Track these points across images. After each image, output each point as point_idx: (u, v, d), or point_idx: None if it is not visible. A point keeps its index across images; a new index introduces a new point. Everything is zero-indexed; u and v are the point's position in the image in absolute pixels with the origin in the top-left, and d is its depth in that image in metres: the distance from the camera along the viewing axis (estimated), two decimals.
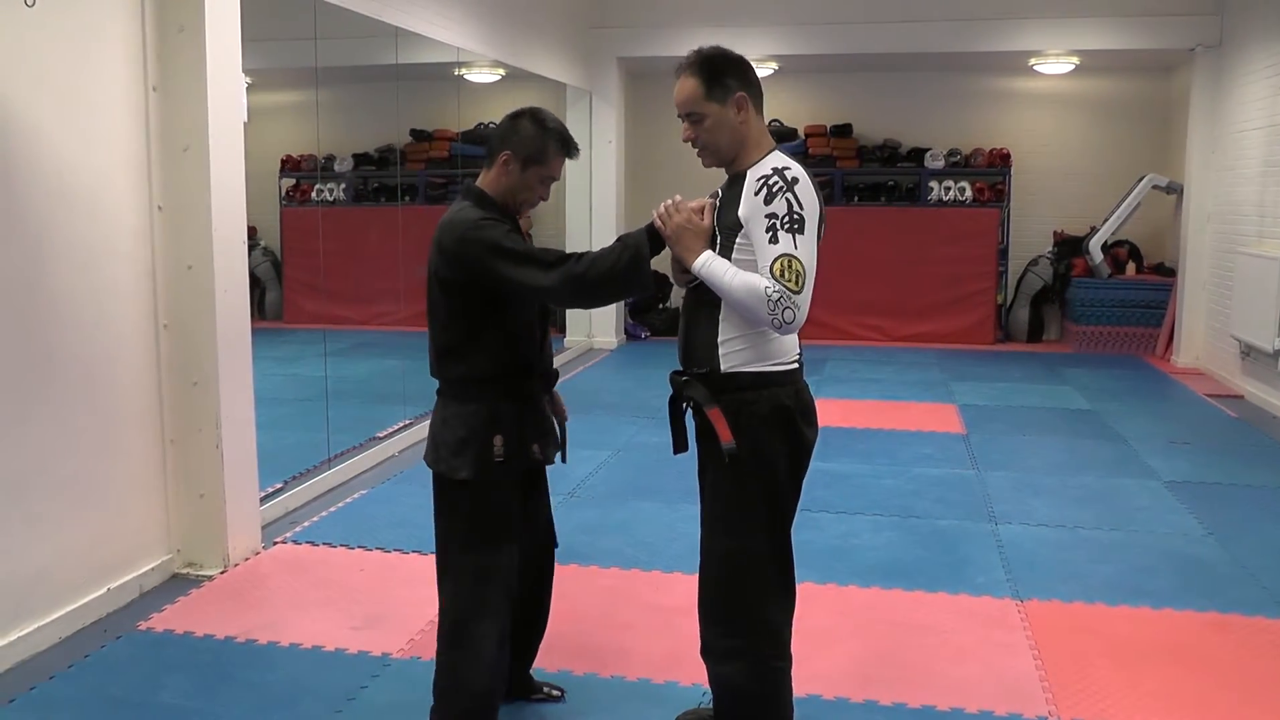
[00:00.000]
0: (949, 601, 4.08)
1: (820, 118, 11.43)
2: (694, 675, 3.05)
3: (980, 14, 9.91)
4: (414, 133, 10.95)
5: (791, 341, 2.59)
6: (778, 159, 2.53)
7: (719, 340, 2.55)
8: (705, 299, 2.56)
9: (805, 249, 2.43)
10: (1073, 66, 10.55)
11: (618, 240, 2.66)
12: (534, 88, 9.85)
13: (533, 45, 9.04)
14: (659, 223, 2.58)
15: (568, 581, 4.21)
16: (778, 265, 2.40)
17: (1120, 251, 10.85)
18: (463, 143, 10.34)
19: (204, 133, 4.17)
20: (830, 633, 3.70)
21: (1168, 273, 10.55)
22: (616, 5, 10.59)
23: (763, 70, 10.93)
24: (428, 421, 2.92)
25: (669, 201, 2.59)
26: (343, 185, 10.93)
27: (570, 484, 5.48)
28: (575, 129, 11.09)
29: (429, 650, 3.54)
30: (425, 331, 2.89)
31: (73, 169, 3.75)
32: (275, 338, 9.08)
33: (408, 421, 6.62)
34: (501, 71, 9.15)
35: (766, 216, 2.43)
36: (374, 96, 9.29)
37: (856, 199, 11.02)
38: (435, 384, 2.92)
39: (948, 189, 11.07)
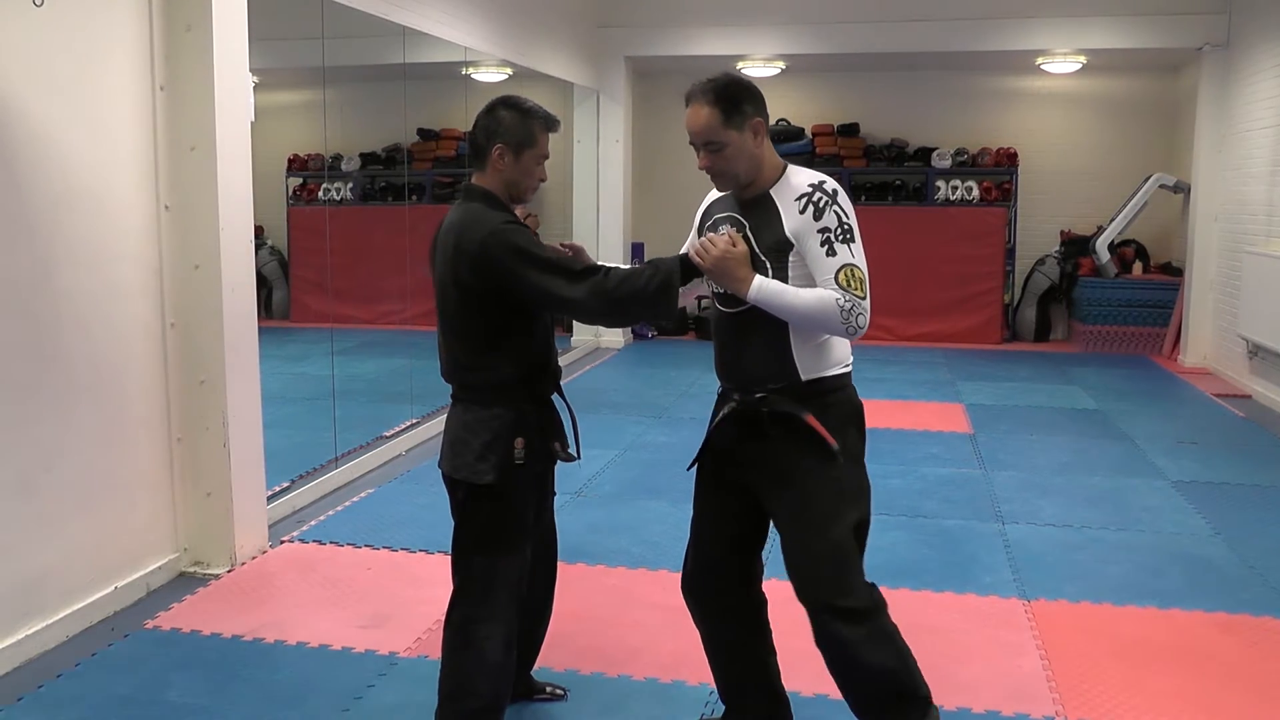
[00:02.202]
0: (956, 601, 4.08)
1: (827, 117, 11.42)
2: (701, 675, 3.05)
3: (987, 13, 9.89)
4: (421, 132, 10.96)
5: (848, 344, 2.68)
6: (806, 174, 2.58)
7: (793, 352, 2.57)
8: (756, 320, 2.57)
9: (860, 256, 2.52)
10: (1080, 66, 10.52)
11: (649, 263, 2.66)
12: (541, 87, 9.85)
13: (540, 44, 9.04)
14: (696, 258, 2.57)
15: (575, 581, 4.22)
16: (842, 276, 2.47)
17: (1127, 251, 10.82)
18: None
19: (211, 132, 4.18)
20: None
21: (1175, 272, 10.53)
22: (624, 5, 10.58)
23: (770, 70, 10.94)
24: (435, 421, 2.92)
25: (704, 238, 2.58)
26: (350, 184, 10.93)
27: (577, 483, 5.49)
28: (583, 128, 11.14)
29: (436, 649, 3.54)
30: (432, 330, 2.88)
31: (80, 168, 3.76)
32: (282, 337, 9.10)
33: (414, 420, 6.62)
34: (509, 71, 9.15)
35: (820, 232, 2.49)
36: (381, 96, 9.30)
37: (863, 198, 10.98)
38: (441, 383, 2.92)
39: (955, 188, 11.06)
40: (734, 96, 2.56)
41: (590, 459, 5.85)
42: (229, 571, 4.32)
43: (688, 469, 2.85)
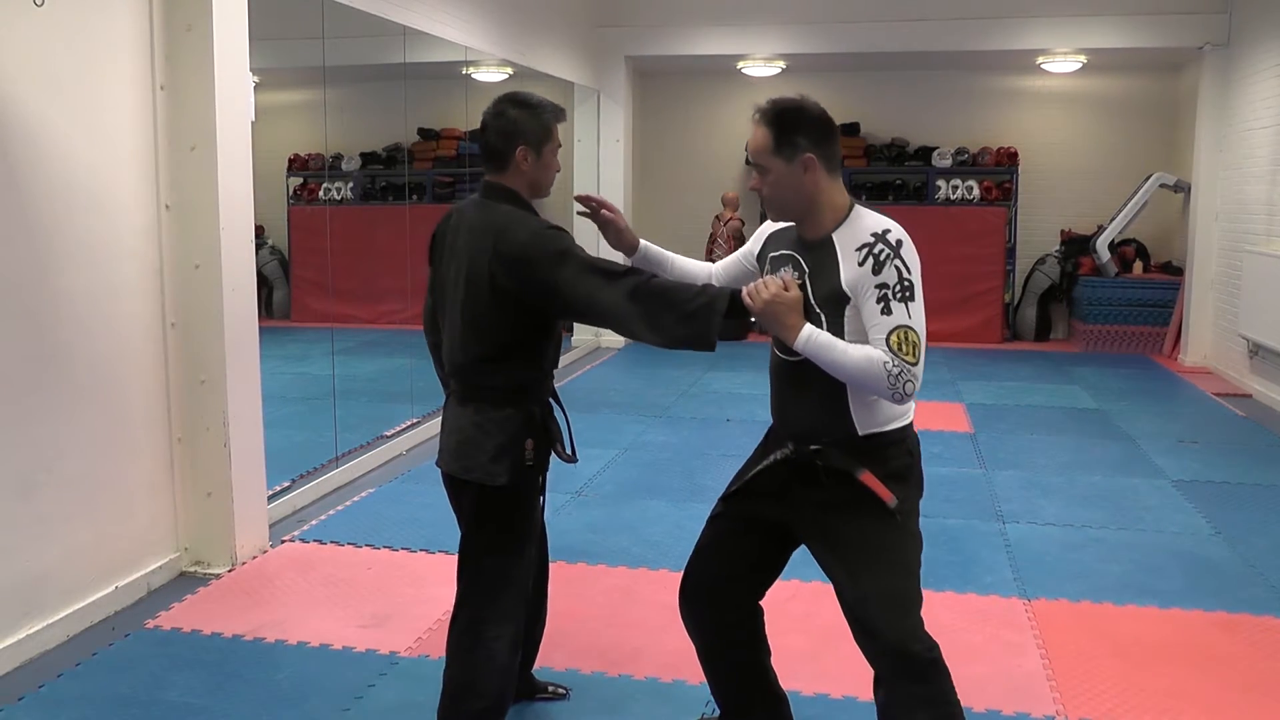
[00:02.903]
0: (956, 600, 4.08)
1: None
2: (702, 674, 3.04)
3: (988, 13, 9.89)
4: (422, 132, 10.96)
5: None
6: (872, 220, 2.42)
7: (850, 407, 2.45)
8: (812, 370, 2.42)
9: (918, 316, 2.34)
10: (1080, 65, 10.53)
11: (703, 285, 2.59)
12: (542, 86, 9.82)
13: (541, 44, 9.04)
14: (748, 300, 2.41)
15: (575, 580, 4.22)
16: (894, 338, 2.30)
17: (1128, 250, 10.83)
18: (471, 142, 10.34)
19: (212, 132, 4.18)
20: (838, 630, 3.65)
21: (1175, 271, 10.53)
22: (625, 4, 10.58)
23: (770, 69, 10.94)
24: (436, 420, 2.89)
25: (756, 282, 2.45)
26: (350, 184, 10.93)
27: (577, 483, 5.49)
28: (583, 128, 11.13)
29: (436, 649, 3.56)
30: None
31: (80, 168, 3.76)
32: (283, 336, 9.10)
33: (415, 420, 6.63)
34: (509, 70, 9.15)
35: (877, 287, 2.33)
36: (382, 95, 9.30)
37: (864, 198, 10.93)
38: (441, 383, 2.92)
39: (955, 188, 11.06)
40: (790, 124, 2.42)
41: (590, 459, 5.85)
42: (229, 571, 4.32)
43: (723, 498, 2.71)
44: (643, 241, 2.90)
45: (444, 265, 2.79)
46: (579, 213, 2.94)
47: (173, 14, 4.15)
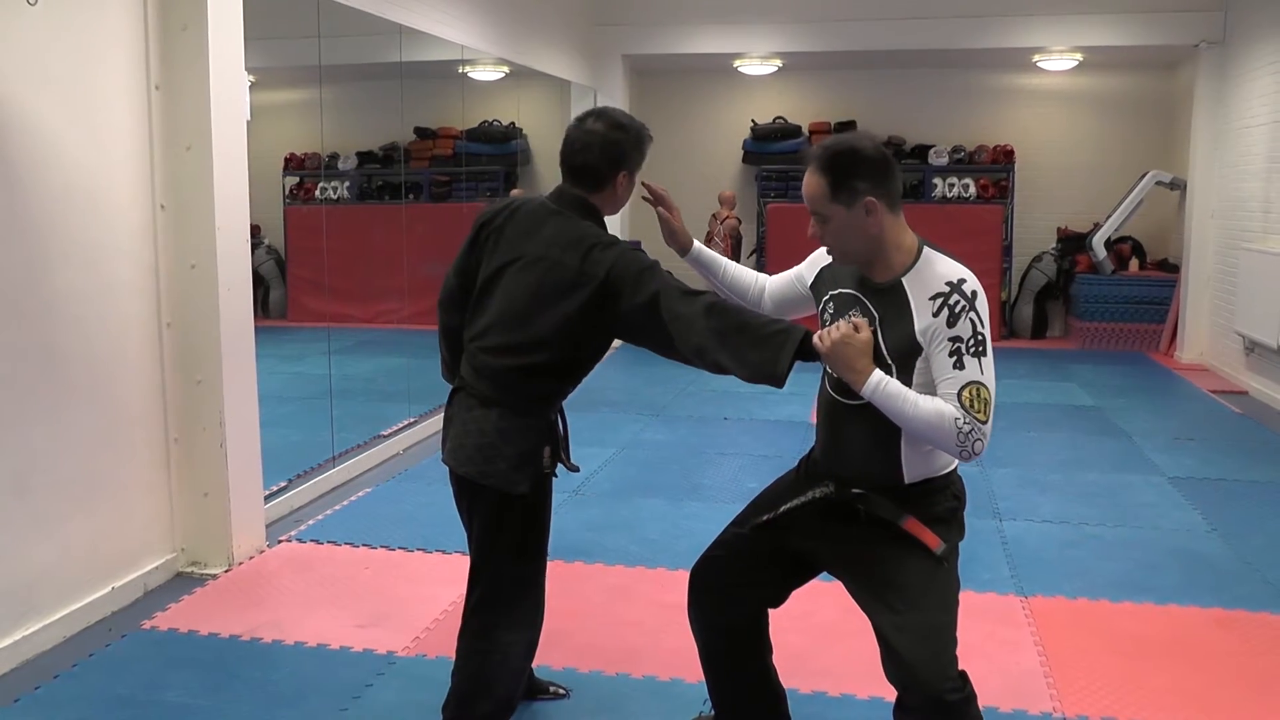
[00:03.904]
0: None
1: (824, 115, 11.42)
2: (700, 673, 3.04)
3: (984, 11, 9.89)
4: (418, 130, 10.94)
5: None
6: (945, 266, 2.34)
7: (901, 455, 2.39)
8: (867, 415, 2.36)
9: (989, 372, 2.30)
10: (1076, 63, 10.54)
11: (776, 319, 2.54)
12: (539, 85, 9.84)
13: (537, 42, 9.04)
14: (818, 342, 2.33)
15: (573, 579, 4.22)
16: (966, 394, 2.25)
17: (1124, 248, 10.83)
18: (467, 140, 10.33)
19: (207, 131, 4.17)
20: (836, 628, 3.69)
21: (1171, 269, 10.54)
22: (621, 2, 10.58)
23: (767, 67, 10.94)
24: (433, 419, 2.88)
25: (829, 329, 2.38)
26: (346, 183, 10.91)
27: (575, 482, 5.48)
28: None
29: (434, 648, 3.56)
30: (429, 330, 2.85)
31: (75, 168, 3.75)
32: (279, 336, 9.08)
33: (412, 420, 6.62)
34: (506, 69, 9.14)
35: (950, 340, 2.26)
36: (378, 94, 9.27)
37: None
38: (439, 382, 2.90)
39: (951, 186, 11.07)
40: (845, 167, 2.30)
41: (588, 457, 5.85)
42: (226, 571, 4.32)
43: (761, 522, 2.60)
44: (696, 243, 2.86)
45: (493, 257, 2.70)
46: (643, 198, 2.90)
47: (167, 13, 4.14)
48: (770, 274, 2.84)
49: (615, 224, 10.45)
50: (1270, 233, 8.11)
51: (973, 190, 11.03)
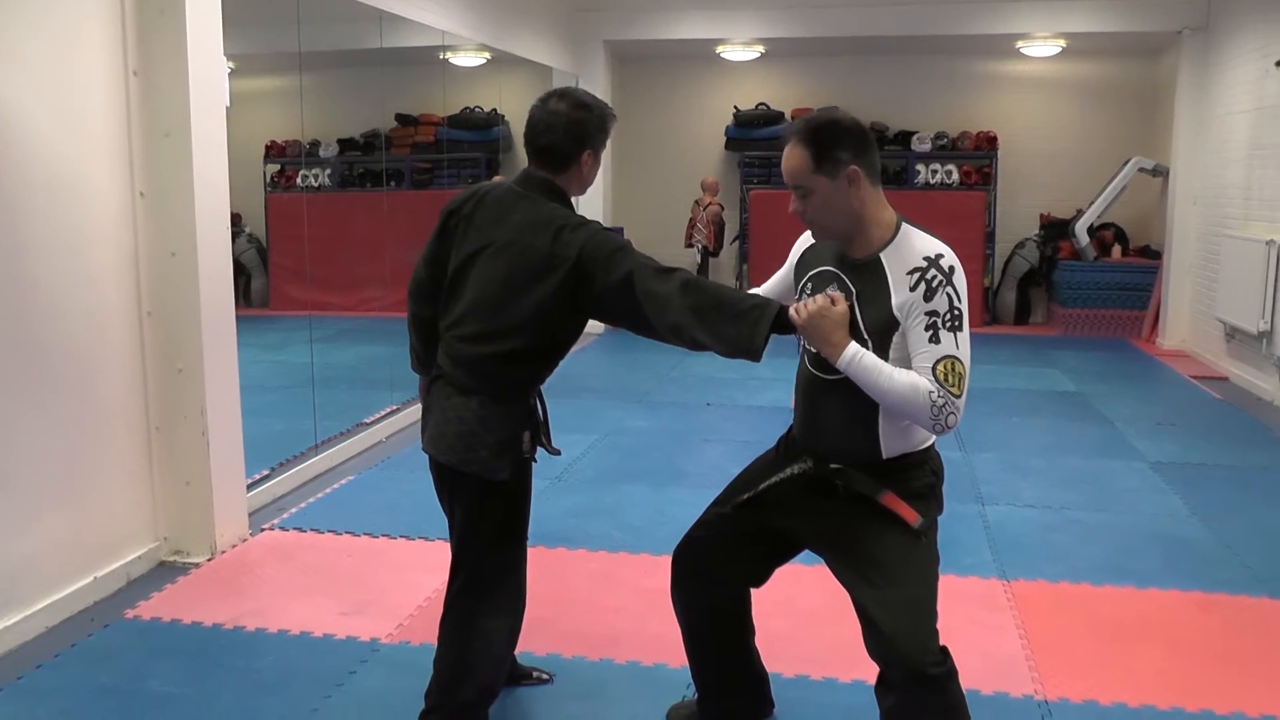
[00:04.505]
0: None
1: (807, 101, 11.40)
2: (683, 658, 3.06)
3: None
4: (399, 117, 10.88)
5: None
6: (923, 242, 2.36)
7: (879, 430, 2.40)
8: (844, 389, 2.37)
9: (965, 347, 2.30)
10: (1059, 49, 10.56)
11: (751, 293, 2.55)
12: (520, 71, 9.80)
13: (519, 28, 9.00)
14: (794, 315, 2.33)
15: (556, 565, 4.22)
16: (940, 368, 2.26)
17: (1106, 234, 10.88)
18: (449, 127, 10.29)
19: (186, 118, 4.14)
20: (819, 613, 3.70)
21: (1154, 255, 10.58)
22: None
23: (749, 53, 10.92)
24: (415, 407, 2.87)
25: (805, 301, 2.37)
26: (328, 171, 10.86)
27: (557, 468, 5.48)
28: None
29: (417, 635, 3.56)
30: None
31: (51, 155, 3.71)
32: (261, 325, 9.04)
33: (395, 407, 6.60)
34: (487, 55, 9.10)
35: (926, 314, 2.28)
36: (359, 81, 9.21)
37: None
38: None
39: (934, 172, 11.09)
40: (828, 138, 2.31)
41: (570, 444, 5.84)
42: (209, 560, 4.30)
43: (743, 501, 2.62)
44: None
45: (463, 245, 2.69)
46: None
47: None
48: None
49: (598, 214, 10.47)
50: (1251, 220, 8.15)
51: (956, 177, 11.05)
